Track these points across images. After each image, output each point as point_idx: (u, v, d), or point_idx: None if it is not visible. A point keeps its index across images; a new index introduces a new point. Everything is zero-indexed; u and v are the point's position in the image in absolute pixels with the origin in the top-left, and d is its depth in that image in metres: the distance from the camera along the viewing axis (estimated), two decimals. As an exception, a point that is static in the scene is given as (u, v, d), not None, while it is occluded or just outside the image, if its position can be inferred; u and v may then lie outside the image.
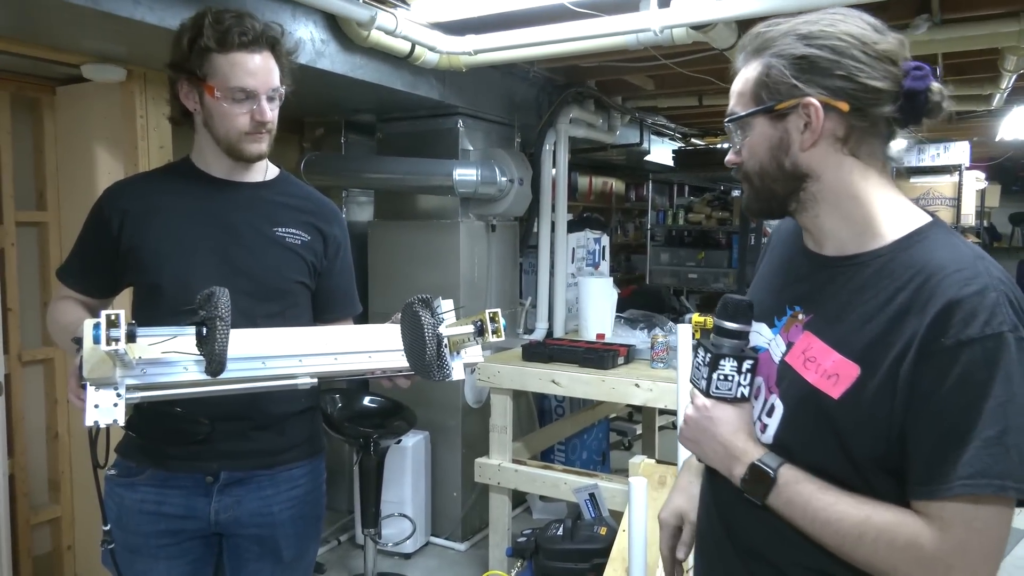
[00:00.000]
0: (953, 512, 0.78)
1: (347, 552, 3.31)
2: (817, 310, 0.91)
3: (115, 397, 1.00)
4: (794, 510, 0.86)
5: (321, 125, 3.68)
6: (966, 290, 0.79)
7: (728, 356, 0.93)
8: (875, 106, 0.87)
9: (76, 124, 2.64)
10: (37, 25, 2.01)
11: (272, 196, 1.46)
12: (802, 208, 0.93)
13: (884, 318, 0.83)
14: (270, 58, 1.34)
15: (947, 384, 0.77)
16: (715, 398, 0.94)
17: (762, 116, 0.90)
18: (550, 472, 2.77)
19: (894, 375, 0.80)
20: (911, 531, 0.79)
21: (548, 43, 2.60)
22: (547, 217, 3.64)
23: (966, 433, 0.76)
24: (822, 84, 0.86)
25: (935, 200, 4.86)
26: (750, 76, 0.91)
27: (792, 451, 0.89)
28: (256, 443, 1.40)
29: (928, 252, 0.84)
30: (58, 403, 2.80)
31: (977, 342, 0.77)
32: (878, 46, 0.86)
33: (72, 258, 1.45)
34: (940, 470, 0.78)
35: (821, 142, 0.88)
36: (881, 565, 0.81)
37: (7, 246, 2.60)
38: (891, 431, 0.81)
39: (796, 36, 0.88)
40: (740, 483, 0.90)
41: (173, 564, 1.39)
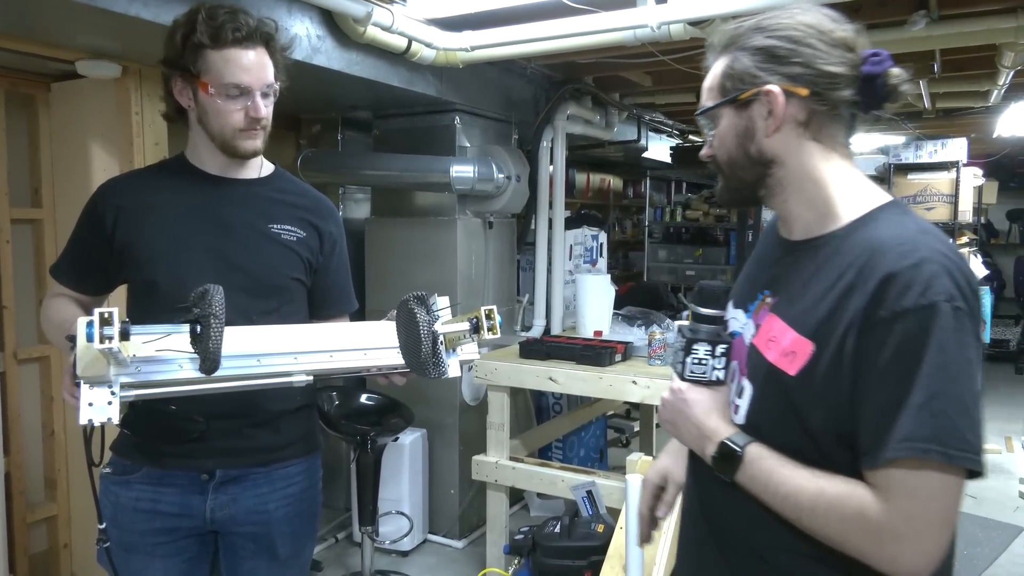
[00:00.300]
0: (894, 480, 0.80)
1: (344, 550, 3.31)
2: (781, 292, 0.95)
3: (109, 395, 1.00)
4: (758, 485, 0.90)
5: (318, 122, 3.67)
6: (903, 263, 0.82)
7: (702, 341, 0.97)
8: (833, 90, 0.90)
9: (71, 120, 2.62)
10: (32, 21, 2.00)
11: (267, 192, 1.45)
12: (771, 194, 0.97)
13: (833, 296, 0.86)
14: (264, 54, 1.33)
15: (885, 355, 0.80)
16: (690, 381, 0.98)
17: (728, 107, 0.95)
18: (547, 469, 2.77)
19: (841, 350, 0.84)
20: (858, 501, 0.82)
21: (545, 39, 2.59)
22: (544, 214, 3.64)
23: (901, 401, 0.79)
24: (781, 72, 0.90)
25: (932, 197, 4.87)
26: (716, 71, 0.96)
27: (760, 430, 0.92)
28: (251, 441, 1.39)
29: (876, 230, 0.88)
30: (54, 401, 2.79)
31: (912, 312, 0.79)
32: (835, 34, 0.90)
33: (66, 255, 1.44)
34: (879, 438, 0.80)
35: (784, 128, 0.92)
36: (834, 536, 0.84)
37: (2, 243, 2.58)
38: (842, 404, 0.84)
39: (756, 29, 0.93)
40: (711, 461, 0.94)
41: (169, 562, 1.39)
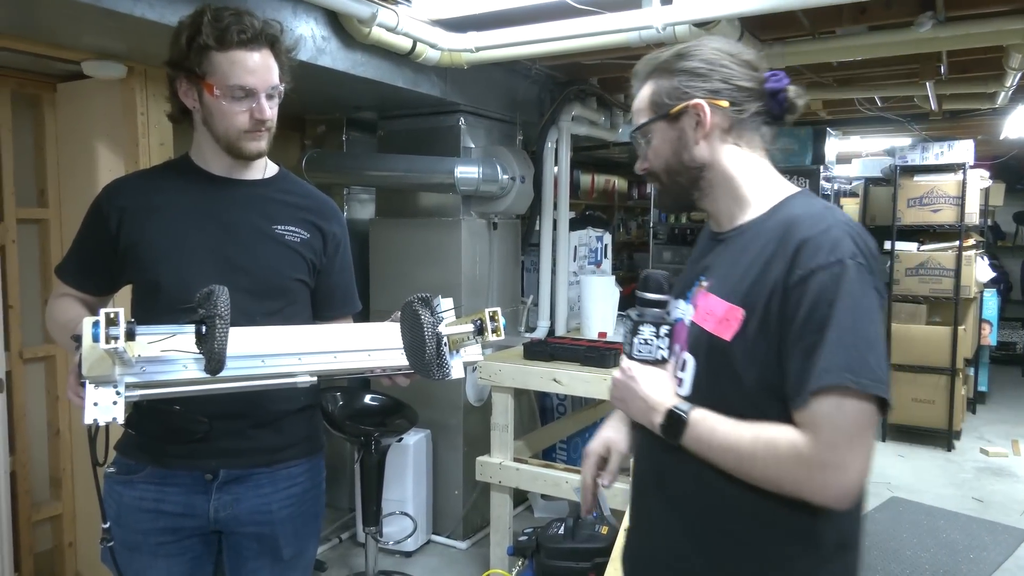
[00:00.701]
0: (817, 414, 0.91)
1: (348, 550, 3.31)
2: (714, 275, 1.08)
3: (114, 395, 1.00)
4: (702, 444, 1.00)
5: (322, 123, 3.67)
6: (813, 230, 0.96)
7: (647, 323, 1.09)
8: (747, 102, 1.07)
9: (77, 121, 2.63)
10: (38, 21, 2.00)
11: (271, 194, 1.45)
12: (703, 195, 1.11)
13: (757, 267, 1.00)
14: (269, 56, 1.33)
15: (804, 306, 0.93)
16: (637, 360, 1.09)
17: (661, 121, 1.09)
18: (552, 471, 2.77)
19: (768, 310, 0.96)
20: (790, 438, 0.93)
21: (550, 40, 2.58)
22: (549, 215, 3.63)
23: (819, 342, 0.91)
24: (704, 87, 1.06)
25: (938, 199, 4.84)
26: (644, 94, 1.11)
27: (703, 396, 1.04)
28: (255, 441, 1.40)
29: (789, 210, 1.03)
30: (59, 400, 2.80)
31: (823, 268, 0.93)
32: (742, 56, 1.08)
33: (71, 255, 1.45)
34: (803, 378, 0.92)
35: (711, 134, 1.07)
36: (772, 474, 0.95)
37: (8, 243, 2.59)
38: (770, 359, 0.96)
39: (677, 56, 1.09)
40: (659, 429, 1.04)
41: (172, 562, 1.39)
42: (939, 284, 4.83)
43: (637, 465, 1.19)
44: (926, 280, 4.87)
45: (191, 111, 1.37)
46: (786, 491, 0.95)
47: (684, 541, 1.08)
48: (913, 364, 4.86)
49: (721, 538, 1.04)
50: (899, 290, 4.93)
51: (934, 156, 4.91)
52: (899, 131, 5.05)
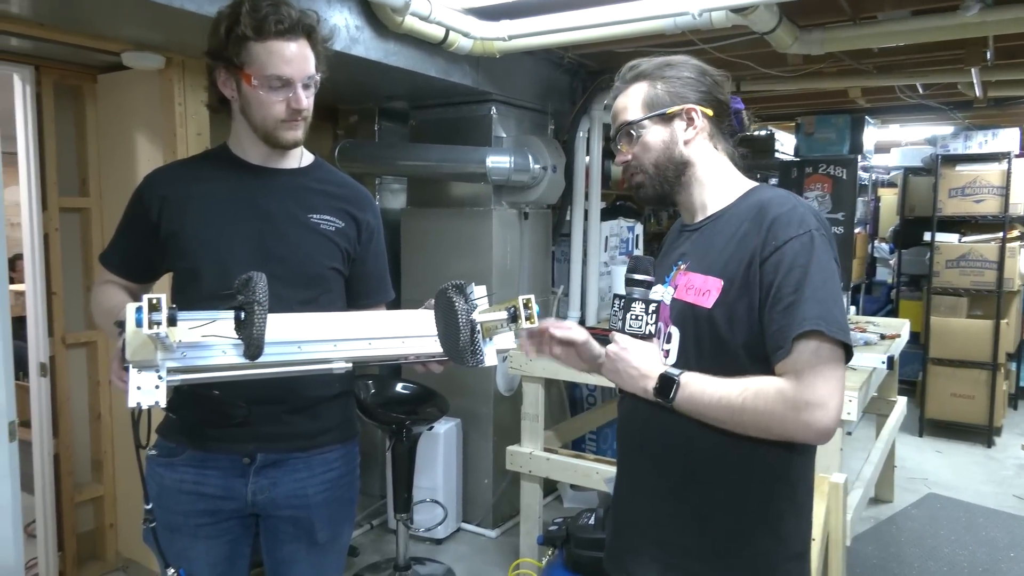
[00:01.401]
0: (797, 360, 1.06)
1: (380, 536, 3.35)
2: (692, 257, 1.22)
3: (156, 379, 1.02)
4: (694, 402, 1.12)
5: (355, 112, 3.69)
6: (783, 208, 1.12)
7: (637, 300, 1.20)
8: (723, 114, 1.25)
9: (116, 111, 2.68)
10: (78, 13, 2.04)
11: (307, 183, 1.46)
12: (682, 190, 1.25)
13: (734, 242, 1.15)
14: (306, 46, 1.34)
15: (781, 271, 1.08)
16: (628, 334, 1.20)
17: (656, 120, 1.23)
18: (582, 461, 2.76)
19: (747, 278, 1.11)
20: (776, 385, 1.07)
21: (584, 28, 2.56)
22: (580, 205, 3.61)
23: (797, 300, 1.06)
24: (697, 95, 1.22)
25: (981, 188, 4.71)
26: (638, 93, 1.24)
27: (689, 361, 1.16)
28: (291, 426, 1.42)
29: (757, 196, 1.19)
30: (100, 385, 2.86)
31: (795, 238, 1.09)
32: (715, 76, 1.24)
33: (113, 244, 1.48)
34: (784, 331, 1.06)
35: (698, 137, 1.22)
36: (763, 421, 1.07)
37: (51, 231, 2.66)
38: (752, 321, 1.10)
39: (666, 64, 1.23)
40: (653, 393, 1.15)
41: (212, 543, 1.42)
42: (981, 276, 4.71)
43: (622, 432, 1.32)
44: (967, 272, 4.75)
45: (230, 100, 1.39)
46: (775, 434, 1.09)
47: (668, 496, 1.20)
48: (952, 358, 4.76)
49: (703, 487, 1.17)
50: (939, 282, 4.82)
51: (977, 145, 4.78)
52: (941, 119, 4.92)
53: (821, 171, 4.65)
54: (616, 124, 1.27)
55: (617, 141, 1.28)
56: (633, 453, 1.28)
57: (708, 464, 1.16)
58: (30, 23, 2.08)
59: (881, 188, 6.79)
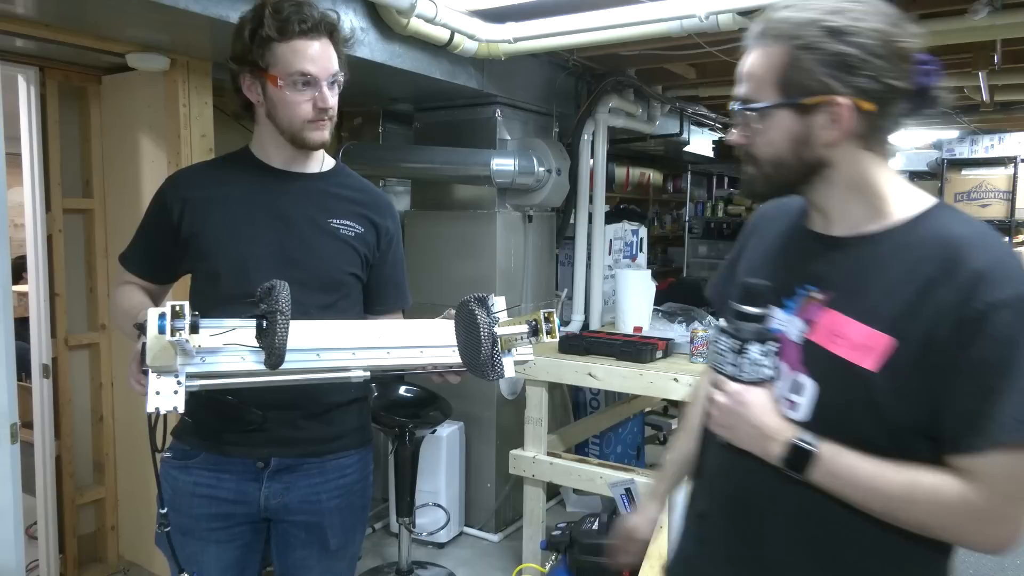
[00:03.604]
0: (995, 464, 0.82)
1: (381, 540, 3.33)
2: (836, 288, 0.93)
3: (176, 385, 1.01)
4: (839, 481, 0.89)
5: (359, 115, 3.69)
6: (988, 257, 0.84)
7: (755, 341, 0.94)
8: (894, 105, 0.90)
9: (121, 113, 2.68)
10: (83, 14, 2.04)
11: (328, 187, 1.46)
12: (812, 190, 0.96)
13: (910, 289, 0.86)
14: (329, 45, 1.35)
15: (982, 344, 0.81)
16: (744, 382, 0.95)
17: (787, 109, 0.90)
18: (586, 466, 2.75)
19: (929, 342, 0.84)
20: (959, 489, 0.83)
21: (589, 30, 2.55)
22: (584, 208, 3.60)
23: (1002, 387, 0.81)
24: (851, 84, 0.87)
25: (987, 193, 4.69)
26: (773, 63, 0.91)
27: (828, 424, 0.91)
28: (305, 431, 1.41)
29: (945, 227, 0.89)
30: (103, 387, 2.86)
31: (1006, 304, 0.81)
32: (900, 43, 0.88)
33: (134, 244, 1.48)
34: (980, 425, 0.82)
35: (843, 138, 0.90)
36: (933, 523, 0.86)
37: (55, 232, 2.65)
38: (929, 396, 0.84)
39: (824, 29, 0.87)
40: (779, 461, 0.92)
41: (223, 548, 1.41)
42: (987, 282, 4.69)
43: (712, 486, 1.08)
44: (973, 277, 4.73)
45: (254, 105, 1.39)
46: (940, 537, 0.88)
47: None
48: None
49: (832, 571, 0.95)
50: (944, 287, 4.79)
51: (984, 149, 4.77)
52: (946, 123, 4.90)
53: (826, 175, 4.64)
54: (738, 91, 0.96)
55: (732, 113, 0.98)
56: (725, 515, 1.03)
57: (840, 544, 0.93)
58: (35, 24, 2.07)
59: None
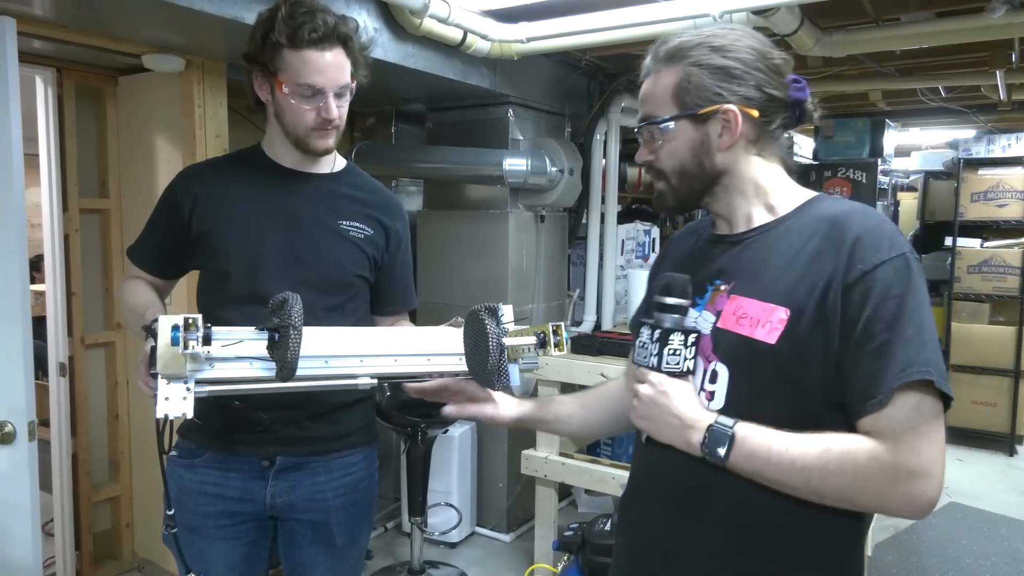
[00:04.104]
0: (898, 418, 0.85)
1: (394, 539, 3.34)
2: (737, 276, 1.00)
3: (185, 391, 1.02)
4: (757, 461, 0.91)
5: (372, 115, 3.70)
6: (866, 225, 0.92)
7: (677, 331, 0.98)
8: (775, 113, 1.00)
9: (137, 113, 2.70)
10: (100, 15, 2.05)
11: (338, 188, 1.46)
12: (715, 199, 1.04)
13: (800, 263, 0.94)
14: (341, 55, 1.33)
15: (871, 302, 0.87)
16: (666, 373, 0.98)
17: (685, 120, 1.00)
18: (598, 466, 2.74)
19: (822, 308, 0.90)
20: (868, 449, 0.86)
21: (602, 30, 2.55)
22: (597, 208, 3.59)
23: (893, 340, 0.86)
24: (738, 92, 0.98)
25: (1004, 193, 4.64)
26: (667, 82, 1.00)
27: (743, 407, 0.95)
28: (311, 431, 1.41)
29: (825, 208, 0.98)
30: (118, 385, 2.88)
31: (888, 263, 0.89)
32: (773, 60, 1.00)
33: (143, 239, 1.49)
34: (879, 382, 0.86)
35: (736, 143, 0.99)
36: (850, 490, 0.88)
37: (71, 232, 2.68)
38: (828, 361, 0.89)
39: (710, 48, 0.98)
40: (700, 448, 0.94)
41: (230, 545, 1.42)
42: (1003, 282, 4.64)
43: (642, 483, 1.10)
44: (989, 278, 4.68)
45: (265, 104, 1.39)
46: (862, 505, 0.90)
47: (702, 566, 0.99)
48: (974, 365, 4.69)
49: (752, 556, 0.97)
50: (960, 288, 4.76)
51: (1000, 149, 4.71)
52: (963, 123, 4.85)
53: (840, 175, 4.61)
54: (640, 114, 1.05)
55: (639, 134, 1.06)
56: (657, 510, 1.05)
57: (761, 531, 0.96)
58: (53, 25, 2.09)
59: (901, 192, 6.71)
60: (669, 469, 1.01)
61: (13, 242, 1.76)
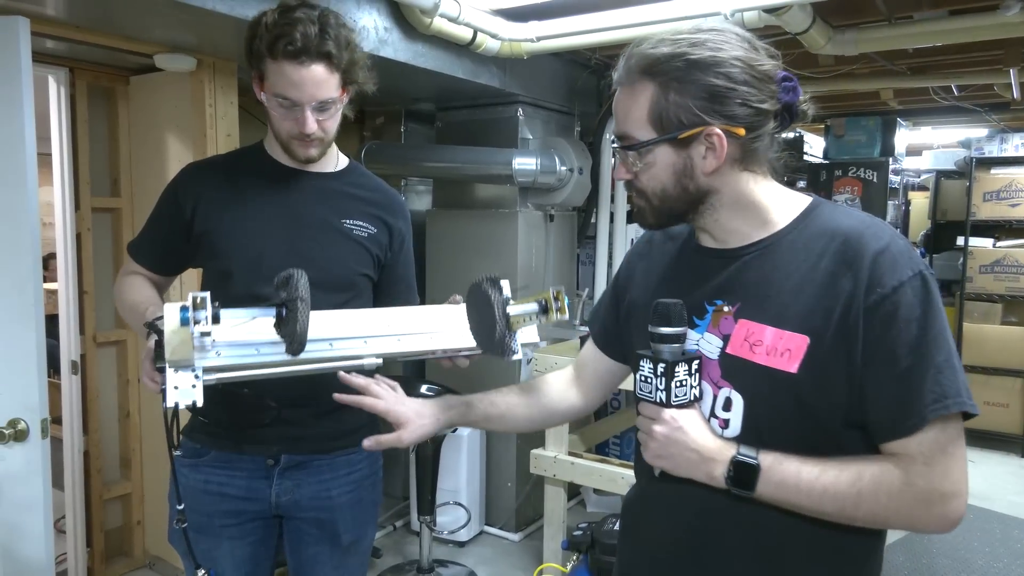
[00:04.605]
0: (929, 443, 0.85)
1: (402, 538, 3.34)
2: (742, 297, 0.95)
3: (193, 379, 1.02)
4: (786, 491, 0.89)
5: (381, 114, 3.70)
6: (880, 242, 0.88)
7: (681, 362, 0.93)
8: (764, 126, 0.93)
9: (148, 113, 2.71)
10: (112, 15, 2.06)
11: (341, 187, 1.46)
12: (700, 216, 0.98)
13: (813, 286, 0.90)
14: (321, 69, 1.26)
15: (894, 327, 0.85)
16: (676, 406, 0.94)
17: (665, 144, 0.93)
18: (608, 466, 2.73)
19: (842, 333, 0.87)
20: (899, 473, 0.86)
21: (612, 29, 2.54)
22: (606, 207, 3.58)
23: (921, 365, 0.84)
24: (722, 112, 0.90)
25: (1017, 192, 4.60)
26: (644, 101, 0.93)
27: (762, 435, 0.92)
28: (315, 429, 1.41)
29: (829, 221, 0.93)
30: (130, 384, 2.90)
31: (907, 284, 0.86)
32: (761, 67, 0.91)
33: (144, 235, 1.48)
34: (909, 408, 0.85)
35: (722, 164, 0.93)
36: (884, 514, 0.87)
37: (83, 231, 2.69)
38: (851, 386, 0.87)
39: (689, 62, 0.90)
40: (725, 481, 0.91)
41: (236, 544, 1.42)
42: (1016, 282, 4.61)
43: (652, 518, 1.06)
44: (1002, 278, 4.65)
45: None
46: (893, 526, 0.91)
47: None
48: (986, 366, 4.65)
49: None
50: (972, 288, 4.72)
51: (1014, 148, 4.67)
52: (975, 121, 4.81)
53: (851, 174, 4.58)
54: (615, 129, 0.98)
55: (617, 153, 0.99)
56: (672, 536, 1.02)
57: (783, 552, 0.95)
58: (66, 25, 2.11)
59: (912, 192, 6.67)
60: (686, 498, 0.98)
61: (26, 241, 1.77)
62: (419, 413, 1.17)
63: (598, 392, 1.26)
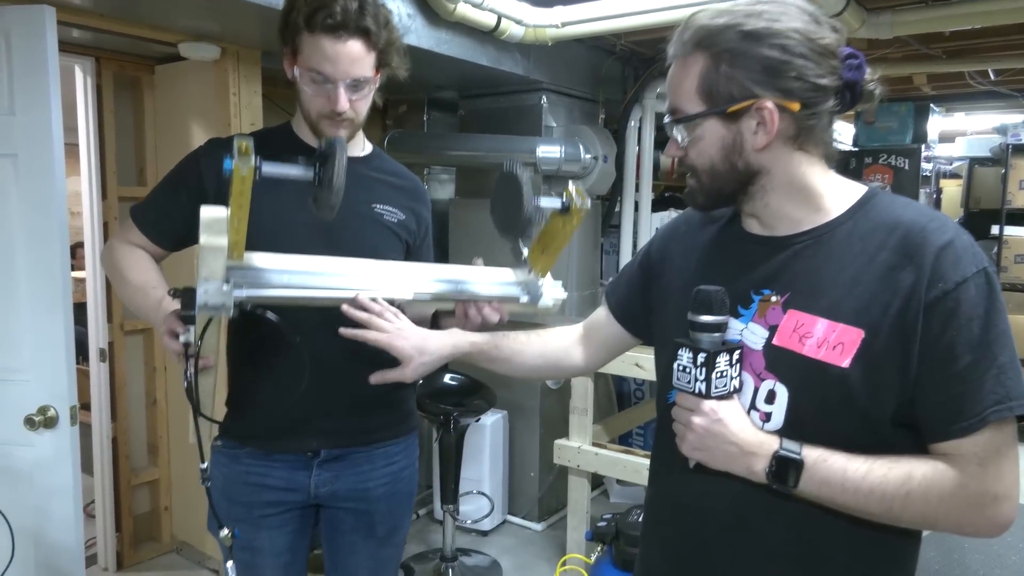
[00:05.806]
0: (984, 444, 0.82)
1: (426, 526, 3.35)
2: (792, 287, 0.92)
3: (224, 286, 1.02)
4: (831, 488, 0.86)
5: (404, 103, 3.68)
6: (943, 236, 0.84)
7: (723, 351, 0.90)
8: (822, 103, 0.89)
9: (173, 102, 2.72)
10: (137, 4, 2.07)
11: (369, 172, 1.44)
12: (750, 199, 0.95)
13: (871, 278, 0.86)
14: (359, 46, 1.24)
15: (954, 324, 0.81)
16: (715, 398, 0.90)
17: (713, 118, 0.90)
18: (632, 457, 2.71)
19: (900, 329, 0.83)
20: (953, 476, 0.83)
21: (639, 13, 2.49)
22: (630, 196, 3.54)
23: (981, 364, 0.81)
24: (775, 86, 0.87)
25: (1053, 180, 4.48)
26: (694, 73, 0.90)
27: (806, 429, 0.89)
28: (351, 423, 1.41)
29: (892, 213, 0.89)
30: (156, 371, 2.92)
31: (970, 280, 0.82)
32: (822, 41, 0.87)
33: (153, 201, 1.41)
34: (966, 408, 0.82)
35: (773, 141, 0.89)
36: (934, 516, 0.85)
37: (110, 220, 2.71)
38: (904, 384, 0.84)
39: (743, 33, 0.87)
40: (766, 476, 0.88)
41: (274, 533, 1.42)
42: (1053, 272, 4.49)
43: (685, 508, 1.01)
44: (1038, 268, 4.54)
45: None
46: (940, 528, 0.88)
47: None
48: (1021, 358, 4.53)
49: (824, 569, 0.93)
50: (1007, 278, 4.61)
51: (1047, 134, 4.54)
52: (1011, 107, 4.67)
53: (882, 161, 4.48)
54: (667, 104, 0.96)
55: (667, 127, 0.97)
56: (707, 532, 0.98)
57: (822, 551, 0.92)
58: (91, 14, 2.11)
59: (944, 179, 6.52)
60: (721, 493, 0.95)
61: (55, 230, 1.78)
62: (420, 350, 1.15)
63: (602, 356, 1.25)
